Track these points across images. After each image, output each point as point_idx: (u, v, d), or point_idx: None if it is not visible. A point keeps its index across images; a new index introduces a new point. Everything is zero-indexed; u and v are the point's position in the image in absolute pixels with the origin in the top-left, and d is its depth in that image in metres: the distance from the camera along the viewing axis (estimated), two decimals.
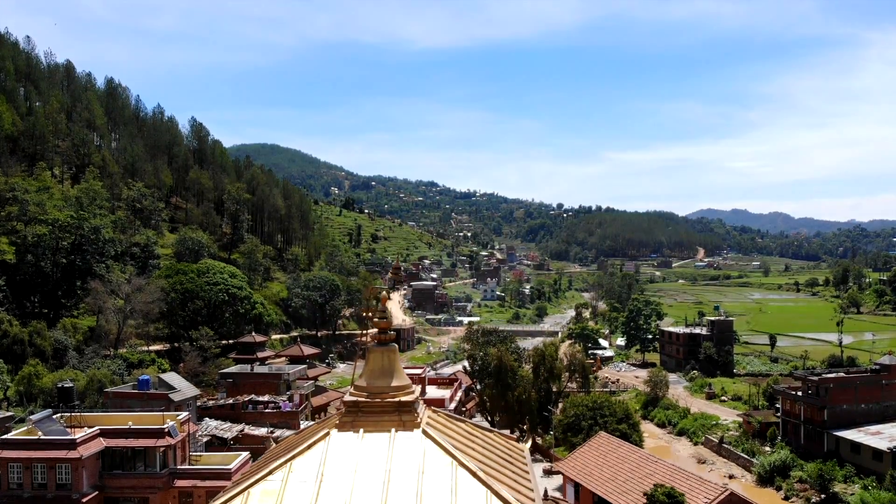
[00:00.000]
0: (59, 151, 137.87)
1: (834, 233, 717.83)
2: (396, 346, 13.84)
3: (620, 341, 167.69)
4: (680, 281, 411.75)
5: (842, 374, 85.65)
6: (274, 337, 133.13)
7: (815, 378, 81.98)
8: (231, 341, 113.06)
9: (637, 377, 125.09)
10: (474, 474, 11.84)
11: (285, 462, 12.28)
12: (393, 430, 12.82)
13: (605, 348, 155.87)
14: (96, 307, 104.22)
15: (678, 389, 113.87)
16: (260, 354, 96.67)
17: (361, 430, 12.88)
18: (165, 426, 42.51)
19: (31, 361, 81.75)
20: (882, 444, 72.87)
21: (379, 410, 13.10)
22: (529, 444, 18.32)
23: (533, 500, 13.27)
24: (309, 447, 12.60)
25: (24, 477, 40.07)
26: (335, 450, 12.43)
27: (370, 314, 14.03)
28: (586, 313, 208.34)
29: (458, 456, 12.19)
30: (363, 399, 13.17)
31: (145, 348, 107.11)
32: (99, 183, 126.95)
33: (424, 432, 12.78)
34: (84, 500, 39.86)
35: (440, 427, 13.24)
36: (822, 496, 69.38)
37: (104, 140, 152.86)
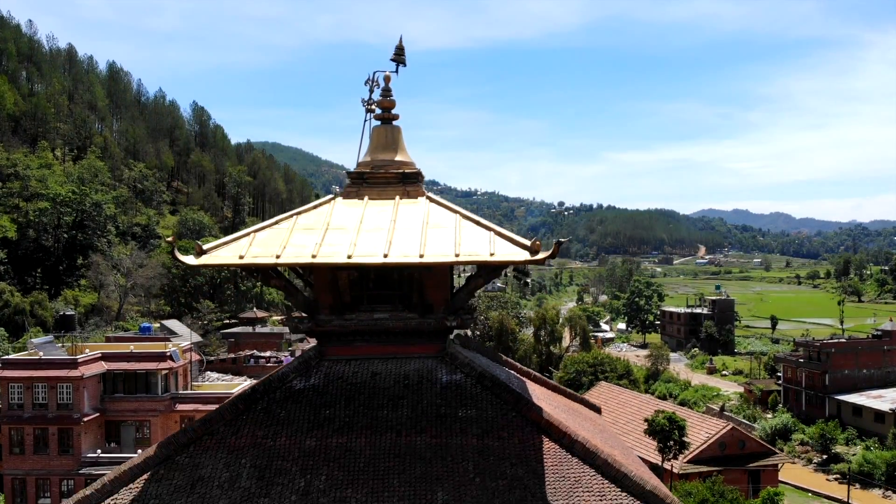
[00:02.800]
0: (60, 133, 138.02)
1: (835, 231, 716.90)
2: (400, 126, 13.87)
3: (621, 326, 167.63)
4: (681, 276, 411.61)
5: (843, 340, 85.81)
6: (275, 318, 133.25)
7: (817, 343, 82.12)
8: (232, 318, 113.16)
9: (638, 356, 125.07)
10: (478, 223, 11.92)
11: (291, 216, 12.37)
12: (397, 197, 12.89)
13: (605, 331, 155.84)
14: (98, 282, 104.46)
15: (679, 366, 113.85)
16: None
17: (366, 197, 12.95)
18: (167, 350, 42.61)
19: (33, 330, 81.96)
20: (884, 405, 72.93)
21: (383, 181, 13.19)
22: None
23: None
24: (314, 207, 12.71)
25: (24, 397, 40.16)
26: (340, 210, 12.55)
27: (369, 101, 13.97)
28: (588, 298, 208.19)
29: (463, 212, 12.30)
30: (367, 171, 13.23)
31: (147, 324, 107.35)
32: (101, 162, 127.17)
33: (429, 198, 12.86)
34: (85, 419, 39.93)
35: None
36: (824, 456, 69.39)
37: (105, 122, 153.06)
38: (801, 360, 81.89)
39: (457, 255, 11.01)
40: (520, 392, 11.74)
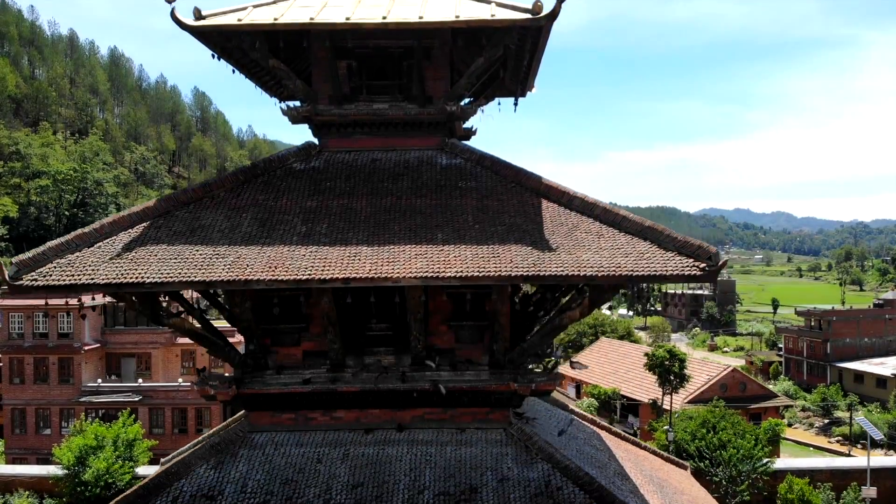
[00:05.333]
0: (61, 115, 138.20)
1: (836, 229, 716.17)
2: None
3: (622, 311, 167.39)
4: None
5: (844, 309, 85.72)
6: None
7: (818, 312, 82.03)
8: None
9: (639, 338, 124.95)
10: None
11: None
12: None
13: (606, 316, 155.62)
14: None
15: (680, 345, 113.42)
16: None
17: None
18: None
19: None
20: (885, 371, 72.79)
21: None
22: None
23: None
24: None
25: (24, 326, 40.20)
26: None
27: None
28: None
29: None
30: None
31: None
32: (102, 143, 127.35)
33: None
34: (85, 348, 39.93)
35: None
36: (826, 421, 69.29)
37: (107, 106, 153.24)
38: (803, 329, 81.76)
39: (456, 17, 10.99)
40: (520, 168, 11.72)
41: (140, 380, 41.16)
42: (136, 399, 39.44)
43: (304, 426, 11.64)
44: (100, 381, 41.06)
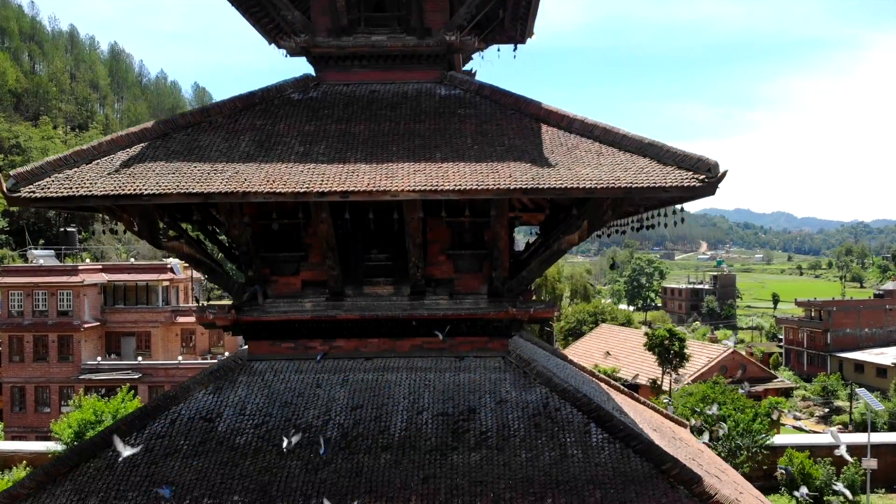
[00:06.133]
0: (62, 110, 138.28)
1: (837, 229, 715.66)
2: None
3: (622, 307, 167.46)
4: (682, 271, 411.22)
5: (844, 300, 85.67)
6: None
7: (819, 302, 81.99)
8: None
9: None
10: None
11: None
12: None
13: None
14: (99, 253, 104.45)
15: None
16: None
17: None
18: (168, 262, 42.59)
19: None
20: (886, 360, 72.76)
21: None
22: None
23: None
24: None
25: (24, 304, 40.16)
26: None
27: None
28: (588, 277, 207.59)
29: None
30: None
31: None
32: (102, 136, 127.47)
33: None
34: (85, 326, 39.91)
35: None
36: (826, 410, 69.25)
37: (107, 101, 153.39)
38: (803, 320, 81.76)
39: None
40: (519, 95, 11.70)
41: (140, 358, 41.16)
42: (136, 377, 39.44)
43: (304, 355, 11.63)
44: (99, 359, 41.05)
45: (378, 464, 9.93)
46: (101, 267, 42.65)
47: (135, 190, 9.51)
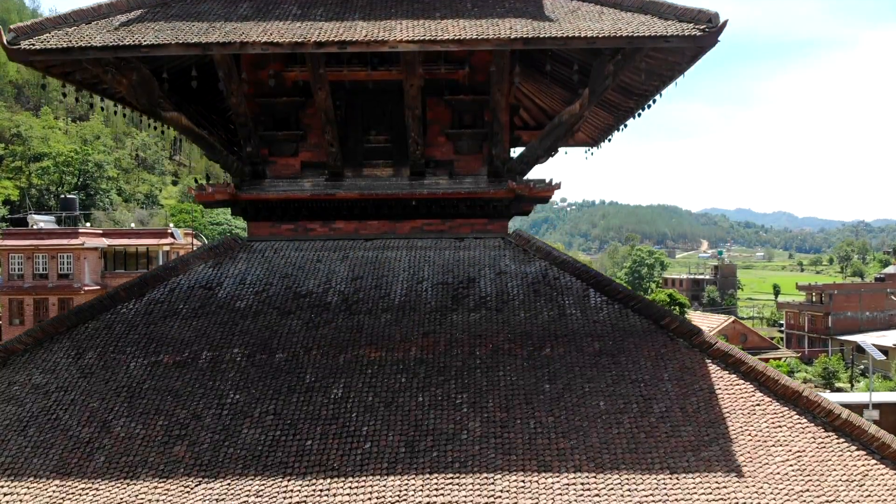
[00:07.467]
0: (63, 102, 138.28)
1: (838, 228, 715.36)
2: None
3: None
4: (683, 269, 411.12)
5: (846, 283, 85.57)
6: None
7: (820, 286, 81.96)
8: None
9: None
10: None
11: None
12: None
13: None
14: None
15: None
16: None
17: None
18: (168, 228, 42.57)
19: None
20: (888, 342, 72.75)
21: None
22: None
23: None
24: None
25: (25, 267, 40.09)
26: None
27: None
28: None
29: None
30: None
31: None
32: (103, 126, 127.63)
33: None
34: (85, 289, 39.85)
35: None
36: (828, 391, 69.19)
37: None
38: (804, 304, 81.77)
39: None
40: None
41: None
42: None
43: (304, 236, 11.60)
44: None
45: (379, 322, 9.92)
46: (101, 231, 42.63)
47: (134, 41, 9.49)
